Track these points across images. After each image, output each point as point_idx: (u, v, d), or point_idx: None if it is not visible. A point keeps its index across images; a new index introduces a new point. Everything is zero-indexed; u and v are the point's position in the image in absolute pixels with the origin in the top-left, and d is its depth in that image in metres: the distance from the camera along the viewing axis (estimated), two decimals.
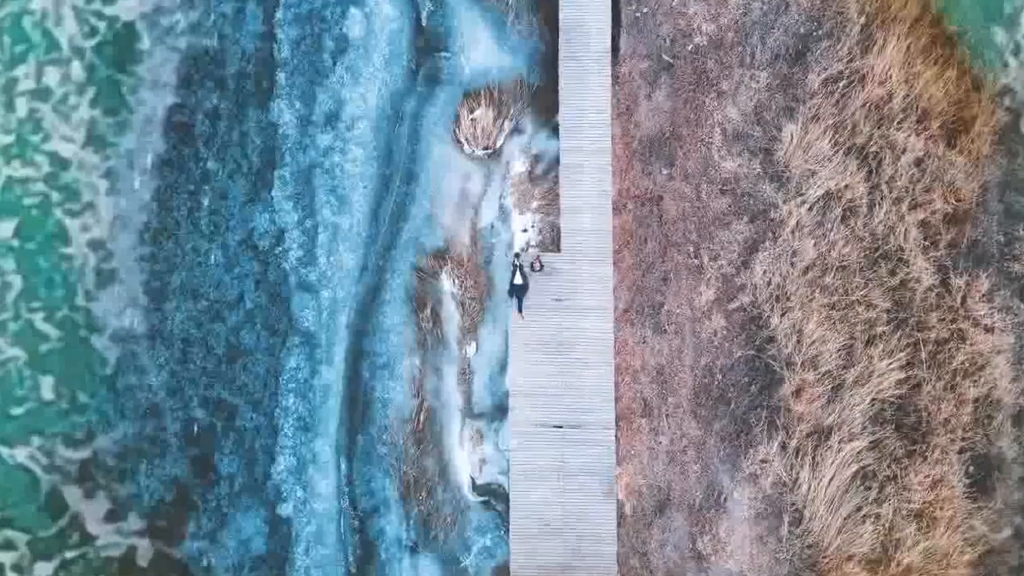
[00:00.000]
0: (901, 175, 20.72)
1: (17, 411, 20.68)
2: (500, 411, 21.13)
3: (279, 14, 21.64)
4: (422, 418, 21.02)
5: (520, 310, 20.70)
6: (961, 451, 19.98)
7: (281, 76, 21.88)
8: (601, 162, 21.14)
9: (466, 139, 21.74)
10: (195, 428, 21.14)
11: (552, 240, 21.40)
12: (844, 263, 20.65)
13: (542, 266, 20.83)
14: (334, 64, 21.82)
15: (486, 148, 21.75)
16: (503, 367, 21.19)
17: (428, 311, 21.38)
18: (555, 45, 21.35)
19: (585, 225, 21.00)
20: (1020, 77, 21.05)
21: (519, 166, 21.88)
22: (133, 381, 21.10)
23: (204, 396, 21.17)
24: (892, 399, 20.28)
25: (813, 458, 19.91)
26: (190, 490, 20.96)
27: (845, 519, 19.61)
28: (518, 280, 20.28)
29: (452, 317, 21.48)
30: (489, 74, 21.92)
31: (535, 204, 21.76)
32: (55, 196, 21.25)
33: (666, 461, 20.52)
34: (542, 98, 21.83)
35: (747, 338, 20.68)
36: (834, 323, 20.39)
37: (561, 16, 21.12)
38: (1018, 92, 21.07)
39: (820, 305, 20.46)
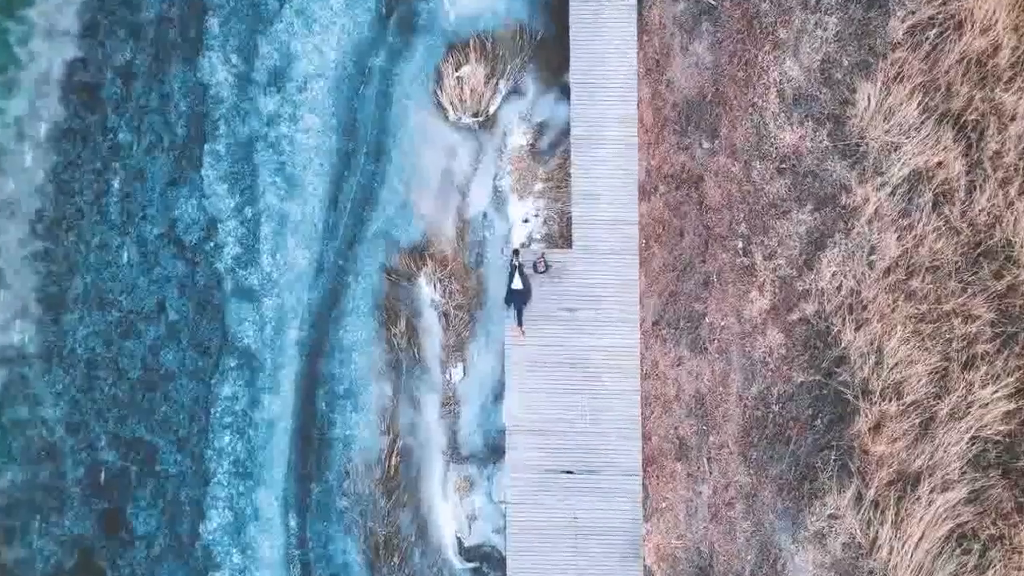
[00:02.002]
0: (1009, 149, 20.30)
1: None
2: (494, 453, 20.96)
3: None
4: (394, 462, 20.87)
5: (520, 323, 20.30)
6: None
7: (213, 22, 21.70)
8: (624, 133, 20.73)
9: (451, 104, 21.45)
10: (103, 474, 21.04)
11: (561, 233, 21.25)
12: (936, 262, 20.32)
13: (548, 266, 20.46)
14: (281, 6, 21.69)
15: (476, 115, 21.51)
16: (498, 396, 20.99)
17: (402, 324, 21.14)
18: None
19: (604, 214, 20.62)
20: None
21: (518, 138, 21.66)
22: (23, 414, 21.04)
23: (115, 433, 21.09)
24: (998, 437, 19.88)
25: (896, 513, 19.60)
26: (96, 553, 20.86)
27: None
28: (517, 284, 19.96)
29: (433, 332, 21.34)
30: (480, 20, 21.78)
31: (539, 187, 21.54)
32: None
33: (707, 517, 20.26)
34: (548, 51, 21.63)
35: (811, 359, 20.38)
36: (923, 339, 20.08)
37: None
38: None
39: (905, 316, 20.15)
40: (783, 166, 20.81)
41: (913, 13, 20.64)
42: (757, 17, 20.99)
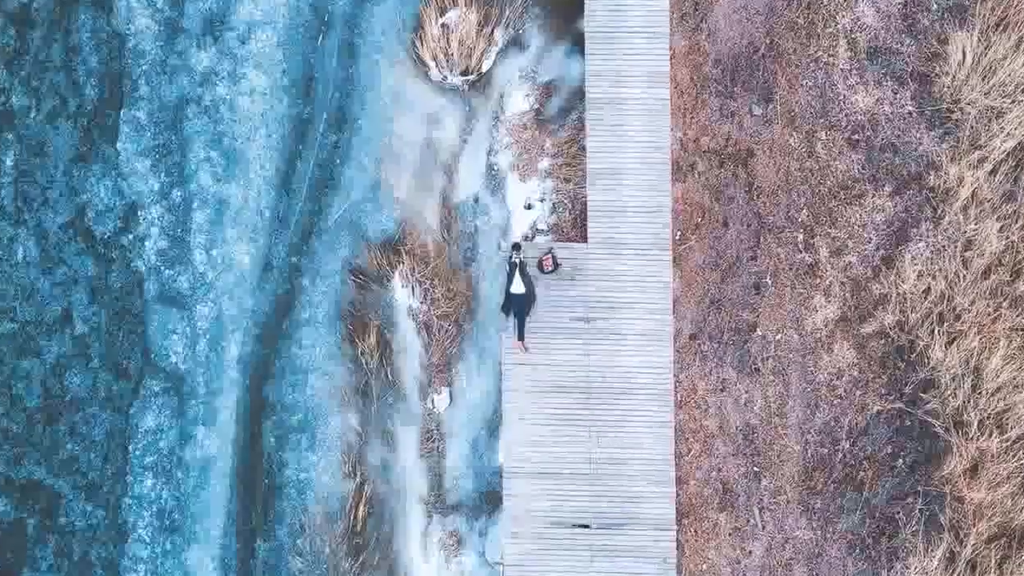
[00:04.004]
0: None
1: None
2: (489, 501, 20.92)
3: None
4: (362, 512, 20.66)
5: (521, 336, 20.04)
6: None
7: None
8: (653, 96, 20.60)
9: (434, 58, 21.33)
10: None
11: (573, 223, 21.19)
12: None
13: (557, 265, 20.23)
14: None
15: (466, 73, 21.45)
16: (493, 429, 20.96)
17: (371, 339, 20.99)
18: None
19: (628, 198, 20.54)
20: None
21: (520, 102, 21.61)
22: None
23: (7, 476, 21.05)
24: None
25: None
26: None
27: None
28: (518, 288, 19.83)
29: (411, 348, 21.25)
30: None
31: (546, 164, 21.45)
32: None
33: None
34: None
35: (890, 382, 20.27)
36: None
37: None
38: None
39: (1009, 328, 19.95)
40: (855, 137, 20.81)
41: None
42: None
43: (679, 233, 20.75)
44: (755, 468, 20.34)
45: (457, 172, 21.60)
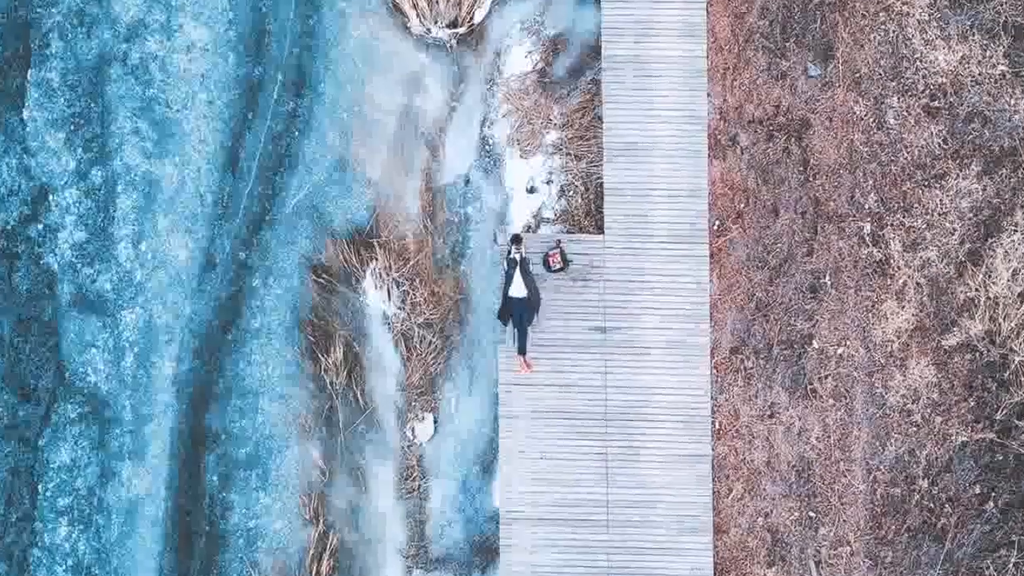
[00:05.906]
0: None
1: None
2: (482, 553, 20.42)
3: None
4: (325, 567, 20.16)
5: (523, 350, 19.57)
6: None
7: None
8: (687, 53, 20.28)
9: (414, 7, 20.92)
10: None
11: (586, 210, 20.81)
12: None
13: (566, 262, 19.87)
14: None
15: (454, 25, 21.01)
16: (487, 466, 20.55)
17: (337, 354, 20.54)
18: None
19: (654, 179, 20.15)
20: None
21: (520, 61, 21.13)
22: None
23: None
24: None
25: None
26: None
27: None
28: (518, 291, 19.29)
29: (386, 365, 20.80)
30: None
31: (552, 137, 21.07)
32: None
33: None
34: None
35: (979, 407, 19.81)
36: None
37: None
38: None
39: None
40: (935, 104, 20.30)
41: None
42: None
43: (717, 223, 20.30)
44: (811, 513, 19.93)
45: (443, 147, 21.10)
